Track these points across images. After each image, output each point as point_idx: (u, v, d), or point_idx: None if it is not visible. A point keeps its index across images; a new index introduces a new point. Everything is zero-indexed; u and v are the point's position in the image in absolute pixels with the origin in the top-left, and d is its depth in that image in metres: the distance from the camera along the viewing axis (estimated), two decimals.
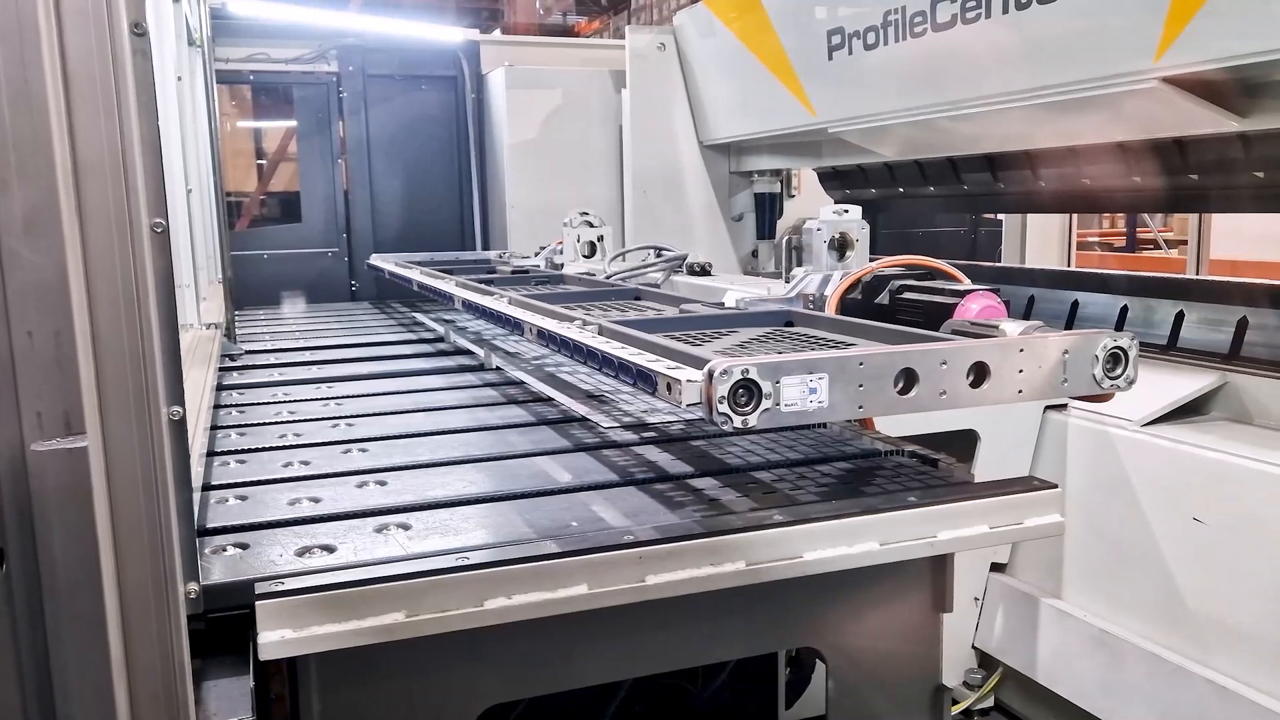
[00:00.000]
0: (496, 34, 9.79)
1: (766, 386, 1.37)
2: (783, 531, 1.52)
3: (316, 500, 1.72)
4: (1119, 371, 1.62)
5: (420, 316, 4.55)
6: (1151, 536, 3.02)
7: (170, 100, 2.92)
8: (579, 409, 2.35)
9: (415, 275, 3.72)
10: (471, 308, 2.77)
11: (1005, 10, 3.07)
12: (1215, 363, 3.34)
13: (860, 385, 1.44)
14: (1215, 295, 3.55)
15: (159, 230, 1.04)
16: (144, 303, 1.01)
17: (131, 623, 1.02)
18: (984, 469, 3.42)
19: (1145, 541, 3.04)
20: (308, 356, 3.35)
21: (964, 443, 3.44)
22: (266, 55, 5.66)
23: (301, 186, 5.91)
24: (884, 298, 2.20)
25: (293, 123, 6.17)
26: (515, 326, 2.31)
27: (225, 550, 1.48)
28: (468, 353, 3.39)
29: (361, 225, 5.91)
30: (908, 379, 1.49)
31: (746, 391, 1.36)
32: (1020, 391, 1.58)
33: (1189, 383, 3.24)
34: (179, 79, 3.08)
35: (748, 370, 1.36)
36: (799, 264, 2.51)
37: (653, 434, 2.17)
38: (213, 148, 3.52)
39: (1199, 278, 4.33)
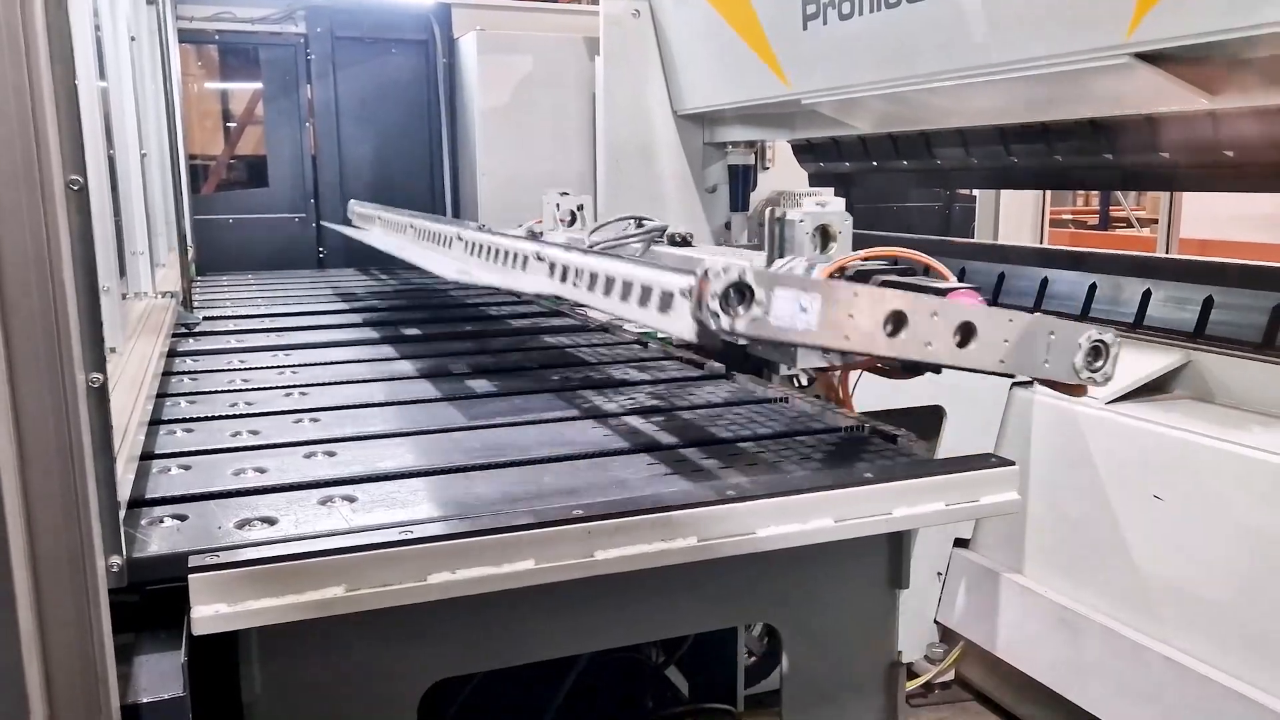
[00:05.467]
0: None
1: (760, 293, 1.33)
2: (736, 507, 1.50)
3: (262, 471, 1.68)
4: (1098, 364, 1.61)
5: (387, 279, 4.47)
6: (1113, 513, 3.04)
7: (124, 60, 2.83)
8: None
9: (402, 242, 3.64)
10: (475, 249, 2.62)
11: None
12: (1180, 341, 3.35)
13: (850, 315, 1.42)
14: (1182, 274, 3.55)
15: (75, 188, 0.99)
16: (57, 265, 0.96)
17: (45, 598, 0.98)
18: (950, 445, 3.43)
19: (1107, 518, 3.05)
20: (267, 324, 3.29)
21: (931, 419, 3.44)
22: (232, 14, 5.53)
23: (268, 151, 5.79)
24: None
25: (258, 84, 6.05)
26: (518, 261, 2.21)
27: (162, 522, 1.44)
28: (437, 320, 3.34)
29: (329, 190, 5.81)
30: (896, 322, 1.47)
31: (739, 294, 1.32)
32: (1001, 361, 1.58)
33: (1154, 361, 3.25)
34: (132, 39, 2.99)
35: (744, 273, 1.32)
36: (780, 251, 2.47)
37: (615, 406, 2.14)
38: (169, 110, 3.42)
39: (1167, 256, 4.34)
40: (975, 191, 6.77)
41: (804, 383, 2.56)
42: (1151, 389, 3.24)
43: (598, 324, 3.22)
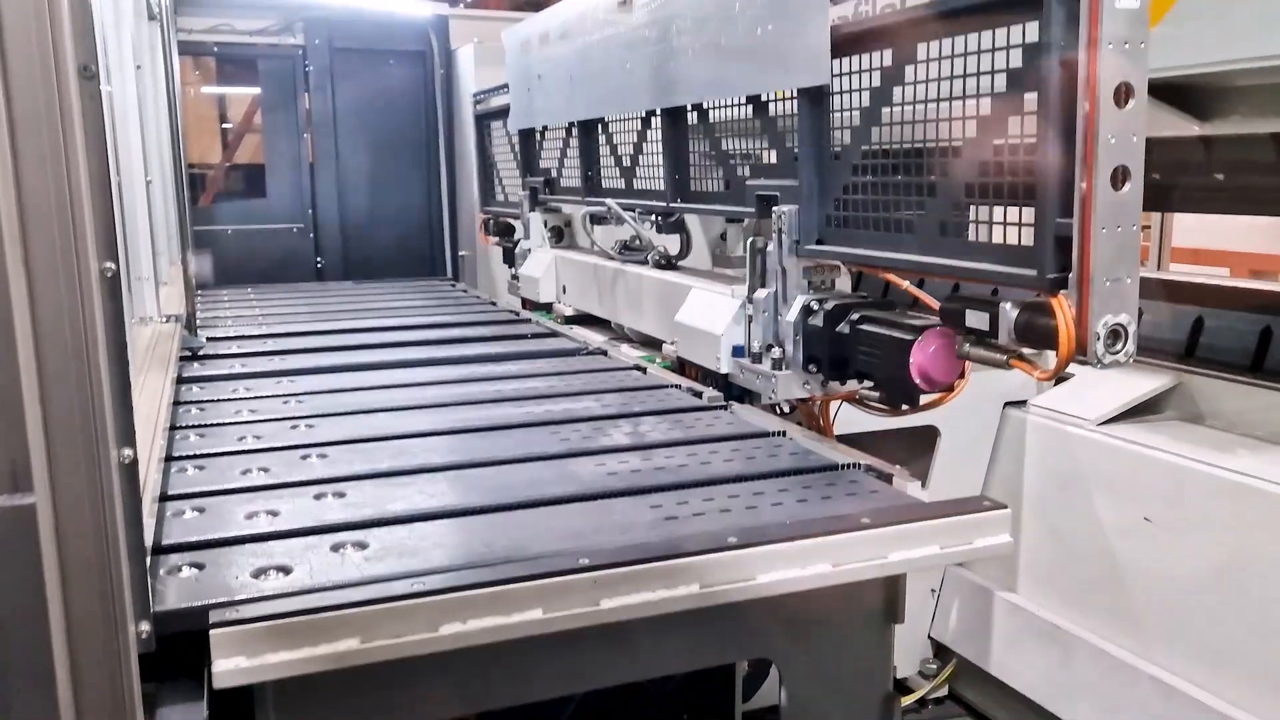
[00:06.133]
0: (463, 6, 9.63)
1: None
2: (737, 554, 1.55)
3: (274, 514, 1.72)
4: (1118, 347, 1.68)
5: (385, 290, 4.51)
6: (1104, 534, 3.10)
7: (130, 91, 2.86)
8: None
9: None
10: None
11: None
12: (1171, 362, 3.41)
13: None
14: (1172, 294, 3.61)
15: (109, 275, 1.03)
16: (93, 349, 1.01)
17: (81, 669, 1.02)
18: (945, 464, 3.48)
19: (1098, 539, 3.11)
20: (270, 345, 3.33)
21: (926, 438, 3.50)
22: (231, 26, 5.56)
23: (266, 161, 5.84)
24: (844, 326, 2.22)
25: (257, 90, 6.08)
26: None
27: (180, 571, 1.48)
28: (439, 342, 3.39)
29: (327, 200, 5.85)
30: None
31: None
32: None
33: (1145, 382, 3.31)
34: (138, 67, 3.02)
35: None
36: (761, 281, 2.52)
37: (620, 439, 2.19)
38: (173, 130, 3.46)
39: (1157, 275, 4.39)
40: None
41: (786, 410, 2.62)
42: (1144, 409, 3.30)
43: (595, 347, 3.26)
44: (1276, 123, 2.93)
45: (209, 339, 3.38)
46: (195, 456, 2.07)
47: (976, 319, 1.93)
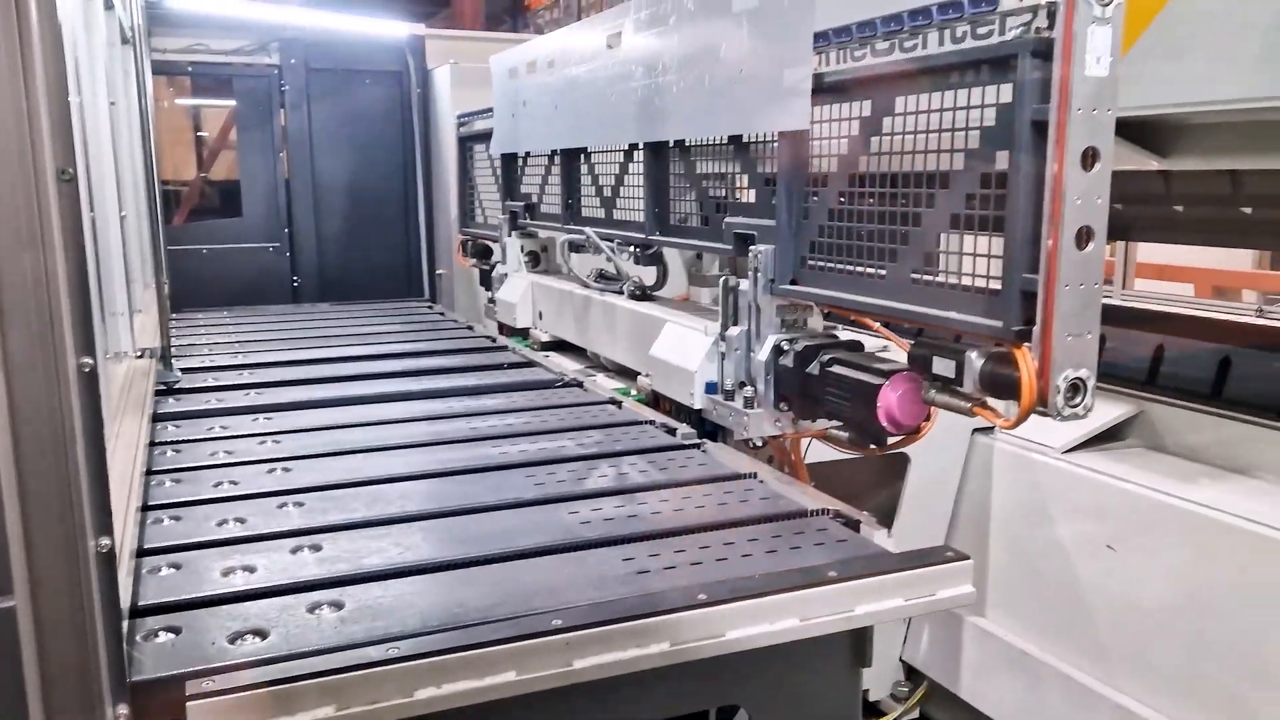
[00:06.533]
0: (439, 28, 9.65)
1: None
2: (707, 612, 1.59)
3: (251, 570, 1.74)
4: (1078, 400, 1.73)
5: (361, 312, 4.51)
6: (1069, 561, 3.16)
7: (103, 125, 2.87)
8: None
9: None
10: None
11: None
12: (1134, 389, 3.48)
13: None
14: (1134, 322, 3.69)
15: (86, 370, 1.05)
16: (71, 444, 1.03)
17: None
18: (914, 491, 3.54)
19: (1063, 565, 3.17)
20: (246, 377, 3.33)
21: (897, 463, 3.55)
22: (206, 46, 5.54)
23: (242, 180, 5.82)
24: (814, 367, 2.26)
25: (232, 103, 6.06)
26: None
27: (157, 636, 1.50)
28: (416, 373, 3.40)
29: (304, 220, 5.85)
30: None
31: None
32: None
33: (1108, 410, 3.38)
34: (112, 103, 3.02)
35: None
36: (734, 319, 2.56)
37: (596, 483, 2.22)
38: (147, 157, 3.46)
39: (1118, 304, 4.48)
40: None
41: (758, 444, 2.66)
42: (1108, 435, 3.37)
43: (571, 378, 3.29)
44: (1231, 160, 3.01)
45: (185, 370, 3.38)
46: (172, 505, 2.08)
47: (943, 366, 1.98)
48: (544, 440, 2.57)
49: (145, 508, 2.05)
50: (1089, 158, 1.68)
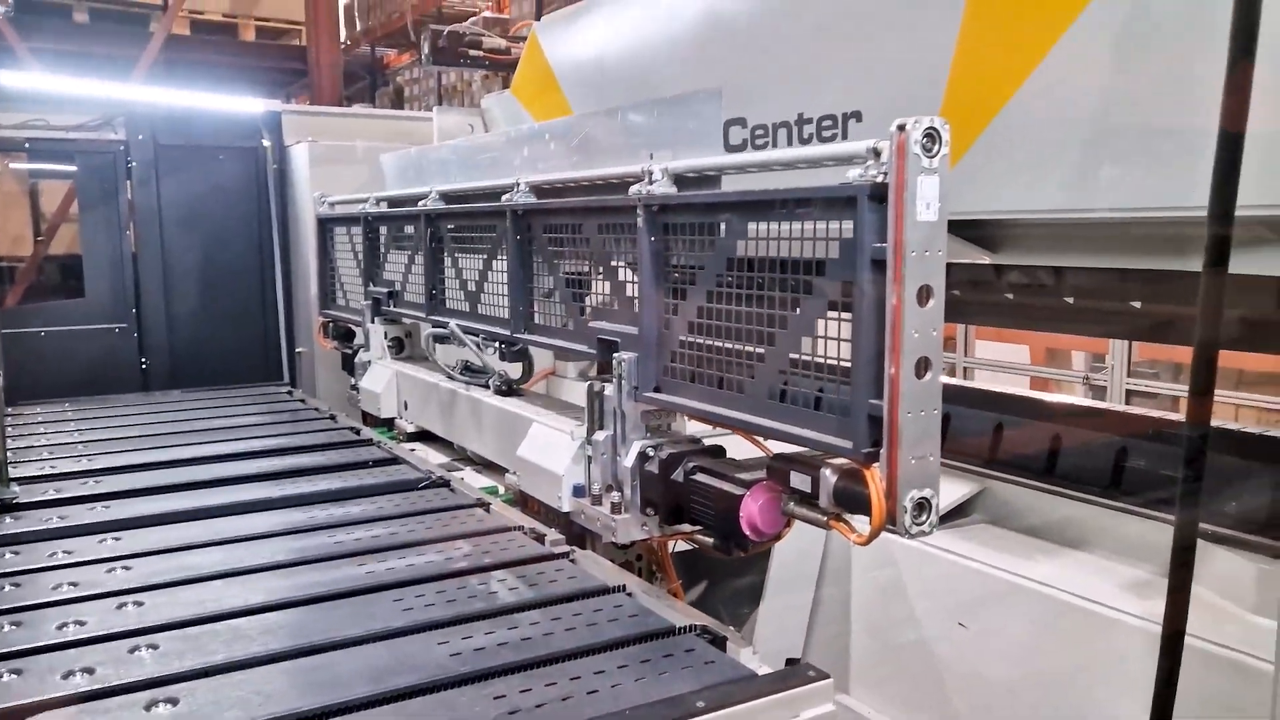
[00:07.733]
0: (298, 102, 9.51)
1: None
2: None
3: None
4: (923, 518, 1.83)
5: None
6: (925, 639, 3.32)
7: None
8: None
9: None
10: None
11: None
12: (977, 466, 3.70)
13: None
14: (975, 402, 3.93)
15: None
16: None
17: None
18: (778, 575, 3.65)
19: (920, 643, 3.33)
20: (92, 486, 3.17)
21: (759, 550, 3.66)
22: (45, 122, 5.30)
23: (85, 258, 5.54)
24: (679, 475, 2.33)
25: (73, 169, 5.79)
26: None
27: None
28: (276, 475, 3.31)
29: (153, 298, 5.61)
30: None
31: None
32: None
33: (954, 489, 3.58)
34: None
35: None
36: (599, 423, 2.61)
37: (461, 606, 2.21)
38: None
39: (960, 384, 4.77)
40: None
41: (626, 544, 2.71)
42: (956, 512, 3.57)
43: (438, 477, 3.27)
44: (1053, 257, 3.28)
45: (22, 479, 3.19)
46: (11, 655, 1.97)
47: (800, 480, 2.08)
48: (411, 555, 2.54)
49: None
50: (924, 294, 1.81)
